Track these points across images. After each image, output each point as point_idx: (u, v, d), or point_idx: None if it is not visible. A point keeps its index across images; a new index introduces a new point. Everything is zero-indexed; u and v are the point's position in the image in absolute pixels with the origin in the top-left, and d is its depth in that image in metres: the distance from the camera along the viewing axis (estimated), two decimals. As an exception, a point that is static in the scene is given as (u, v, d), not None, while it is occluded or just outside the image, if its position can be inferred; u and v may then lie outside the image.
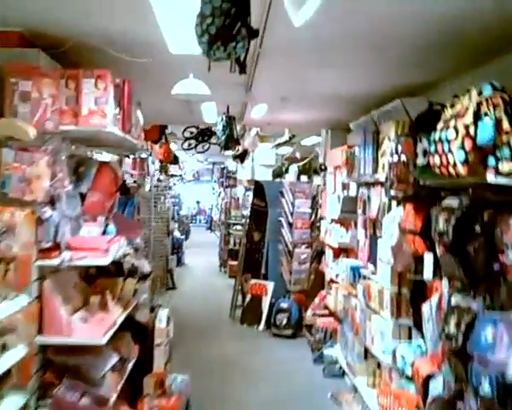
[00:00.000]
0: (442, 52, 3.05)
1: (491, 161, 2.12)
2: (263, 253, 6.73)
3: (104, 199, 3.40)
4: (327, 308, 5.90)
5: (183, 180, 19.79)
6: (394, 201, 3.56)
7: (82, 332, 2.82)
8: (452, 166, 2.25)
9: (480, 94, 2.17)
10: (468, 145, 2.14)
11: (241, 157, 6.97)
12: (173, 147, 8.85)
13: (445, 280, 2.87)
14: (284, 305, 6.27)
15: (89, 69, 2.88)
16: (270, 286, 6.52)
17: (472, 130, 2.14)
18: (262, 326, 6.53)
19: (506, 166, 2.02)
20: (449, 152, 2.24)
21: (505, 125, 2.02)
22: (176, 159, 9.91)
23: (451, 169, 2.27)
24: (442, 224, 2.62)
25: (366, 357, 4.48)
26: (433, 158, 2.38)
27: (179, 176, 17.23)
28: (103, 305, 3.11)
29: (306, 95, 4.31)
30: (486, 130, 2.09)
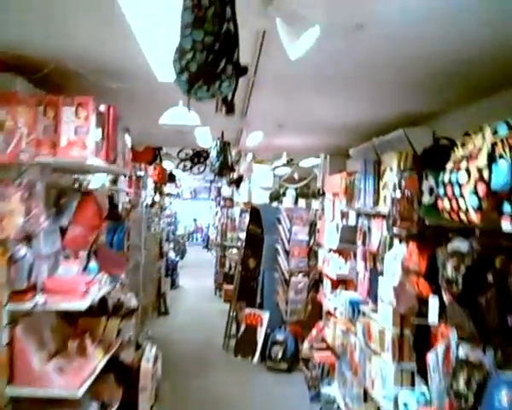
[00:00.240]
0: (446, 83, 2.87)
1: (506, 208, 1.91)
2: (258, 281, 6.48)
3: (87, 233, 3.18)
4: (324, 341, 5.64)
5: (180, 198, 19.59)
6: (397, 238, 3.34)
7: (57, 383, 2.58)
8: (464, 212, 2.04)
9: (495, 133, 1.97)
10: (482, 190, 1.94)
11: (237, 183, 6.76)
12: (170, 165, 8.65)
13: (453, 330, 2.64)
14: (280, 337, 6.01)
15: (71, 95, 2.70)
16: (265, 316, 6.26)
17: (486, 173, 1.94)
18: (256, 358, 6.25)
19: (524, 213, 1.82)
20: (460, 197, 2.03)
21: (523, 168, 1.82)
22: (172, 177, 9.71)
23: (463, 215, 2.06)
24: (451, 271, 2.40)
25: (366, 400, 4.22)
26: (442, 202, 2.17)
27: (176, 194, 17.05)
28: (82, 350, 2.87)
29: (304, 122, 4.12)
30: (502, 173, 1.89)
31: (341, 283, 5.42)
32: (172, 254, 12.04)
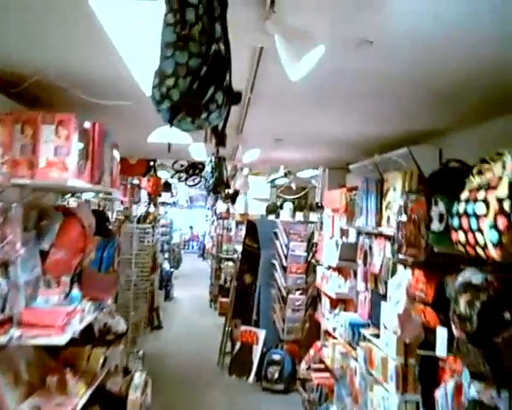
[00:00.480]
0: (454, 101, 2.69)
1: (529, 243, 1.73)
2: (254, 297, 6.26)
3: (70, 256, 2.97)
4: (322, 362, 5.42)
5: (176, 206, 19.33)
6: (402, 264, 3.14)
7: (32, 424, 2.36)
8: (482, 246, 1.84)
9: (517, 161, 1.78)
10: (503, 224, 1.74)
11: (232, 198, 6.54)
12: (165, 175, 8.43)
13: (465, 369, 2.44)
14: (276, 357, 5.78)
15: (56, 110, 2.50)
16: (261, 334, 6.03)
17: (507, 205, 1.75)
18: (252, 378, 6.02)
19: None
20: (477, 231, 1.84)
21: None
22: (168, 186, 9.48)
23: (480, 250, 1.87)
24: (464, 307, 2.19)
25: (367, 430, 4.00)
26: (457, 234, 1.97)
27: (172, 203, 16.79)
28: (63, 385, 2.66)
29: (303, 137, 3.92)
30: (525, 205, 1.70)
31: (340, 302, 5.21)
32: (167, 265, 11.80)
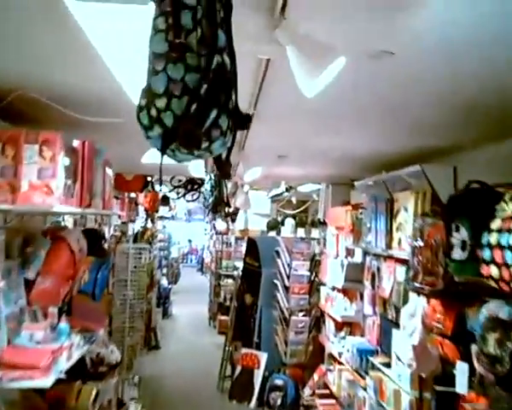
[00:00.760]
0: (471, 117, 2.49)
1: None
2: (255, 319, 6.00)
3: (58, 285, 2.73)
4: (327, 388, 5.17)
5: (175, 219, 19.08)
6: (416, 292, 2.91)
7: None
8: (519, 283, 1.63)
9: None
10: (544, 258, 1.54)
11: (232, 217, 6.32)
12: (163, 189, 8.20)
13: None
14: (279, 382, 5.51)
15: (43, 127, 2.30)
16: (262, 357, 5.77)
17: (548, 237, 1.54)
18: (253, 404, 5.74)
19: None
20: (514, 265, 1.63)
21: None
22: (166, 200, 9.26)
23: (517, 287, 1.66)
24: (493, 346, 1.98)
25: None
26: (489, 268, 1.76)
27: (170, 217, 16.55)
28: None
29: (308, 153, 3.72)
30: None
31: (346, 325, 4.98)
32: (165, 281, 11.52)
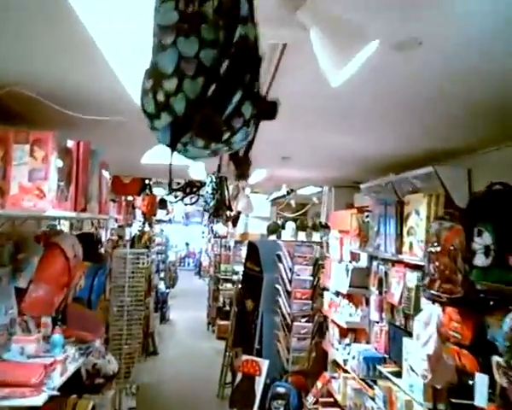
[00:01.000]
0: (491, 117, 2.35)
1: None
2: (256, 325, 5.84)
3: (52, 293, 2.58)
4: (331, 396, 5.02)
5: (172, 222, 18.92)
6: (432, 300, 2.76)
7: None
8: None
9: None
10: None
11: (234, 221, 6.15)
12: (161, 192, 8.06)
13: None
14: (281, 390, 5.35)
15: (37, 127, 2.15)
16: (264, 365, 5.60)
17: None
18: (255, 413, 5.58)
19: None
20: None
21: None
22: (164, 203, 9.10)
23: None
24: (522, 360, 1.84)
25: None
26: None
27: (168, 220, 16.37)
28: (39, 450, 2.24)
29: (313, 155, 3.57)
30: None
31: (351, 331, 4.83)
32: (162, 285, 11.35)
